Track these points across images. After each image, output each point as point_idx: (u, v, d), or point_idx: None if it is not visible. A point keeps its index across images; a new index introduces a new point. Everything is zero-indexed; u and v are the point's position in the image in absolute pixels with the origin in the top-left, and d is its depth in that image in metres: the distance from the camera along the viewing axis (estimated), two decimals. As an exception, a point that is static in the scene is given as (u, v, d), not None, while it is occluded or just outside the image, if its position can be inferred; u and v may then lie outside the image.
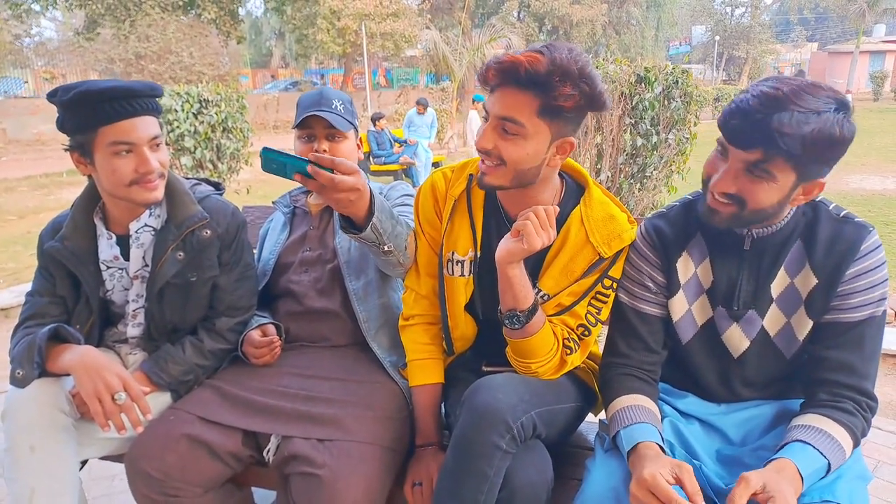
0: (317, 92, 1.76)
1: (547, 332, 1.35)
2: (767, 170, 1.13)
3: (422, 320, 1.58)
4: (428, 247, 1.55)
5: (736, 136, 1.15)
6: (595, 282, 1.39)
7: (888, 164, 10.97)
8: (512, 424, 1.22)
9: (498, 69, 1.26)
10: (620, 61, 4.13)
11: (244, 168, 5.63)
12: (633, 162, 4.14)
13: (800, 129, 1.07)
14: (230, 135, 5.29)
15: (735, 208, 1.19)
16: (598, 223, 1.38)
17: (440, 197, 1.51)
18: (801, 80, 1.14)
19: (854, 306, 1.23)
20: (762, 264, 1.29)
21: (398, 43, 22.17)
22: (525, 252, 1.27)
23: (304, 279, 1.72)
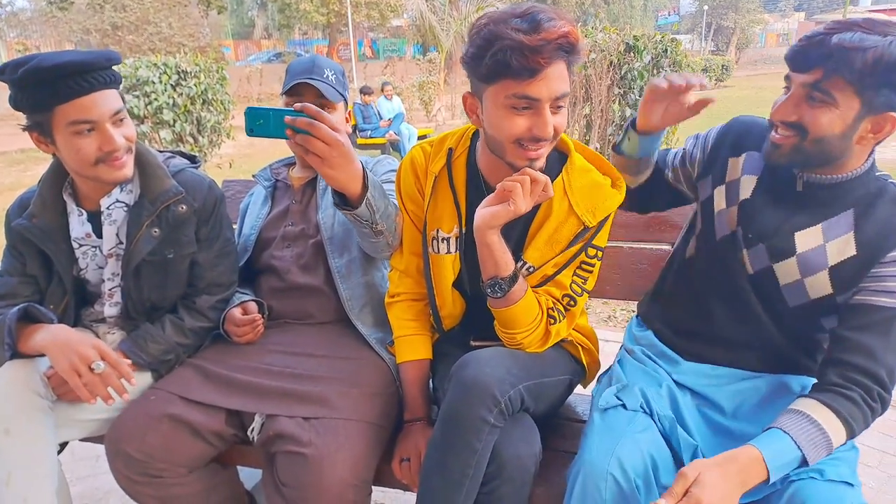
0: (309, 59, 1.70)
1: (530, 301, 1.34)
2: (827, 90, 1.10)
3: (407, 297, 1.56)
4: (411, 224, 1.52)
5: (796, 58, 1.14)
6: (579, 251, 1.37)
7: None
8: (500, 398, 1.21)
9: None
10: (609, 29, 4.06)
11: (226, 142, 5.51)
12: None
13: (861, 44, 1.05)
14: (210, 107, 5.18)
15: (796, 138, 1.16)
16: (582, 192, 1.35)
17: (420, 173, 1.48)
18: (890, 16, 1.15)
19: (887, 290, 1.17)
20: (801, 210, 1.25)
21: (384, 12, 21.80)
22: (510, 214, 1.24)
23: (286, 255, 1.68)
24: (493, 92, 1.21)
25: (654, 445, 1.23)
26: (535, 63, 1.13)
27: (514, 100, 1.18)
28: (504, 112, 1.21)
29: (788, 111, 1.16)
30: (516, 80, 1.16)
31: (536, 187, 1.24)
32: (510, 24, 1.15)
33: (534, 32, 1.13)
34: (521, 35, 1.13)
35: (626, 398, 1.32)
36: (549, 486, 1.34)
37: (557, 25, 1.15)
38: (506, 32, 1.14)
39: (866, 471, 2.24)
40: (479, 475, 1.23)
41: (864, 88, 1.08)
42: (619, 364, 1.51)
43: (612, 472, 1.16)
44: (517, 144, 1.23)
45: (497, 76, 1.18)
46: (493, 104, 1.22)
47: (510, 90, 1.18)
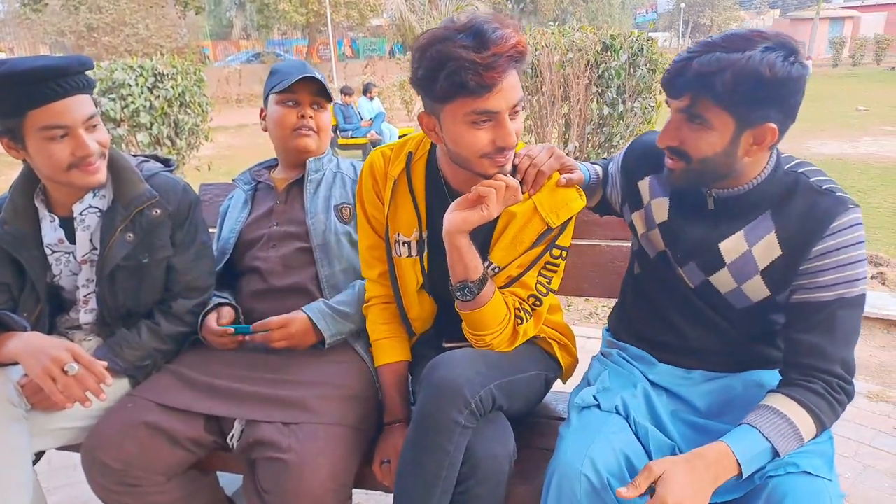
0: (298, 61, 1.73)
1: (498, 303, 1.35)
2: (699, 114, 1.13)
3: (379, 301, 1.57)
4: (371, 230, 1.52)
5: (667, 85, 1.17)
6: (543, 251, 1.38)
7: (846, 130, 11.19)
8: (470, 399, 1.21)
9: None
10: (586, 29, 4.08)
11: (204, 144, 5.45)
12: (600, 131, 4.12)
13: (719, 66, 1.07)
14: (188, 109, 5.11)
15: (683, 163, 1.19)
16: (545, 193, 1.36)
17: (379, 177, 1.48)
18: (750, 30, 1.13)
19: (823, 285, 1.17)
20: (719, 223, 1.27)
21: (363, 12, 21.69)
22: (483, 219, 1.26)
23: (271, 255, 1.67)
24: (451, 110, 1.21)
25: (628, 445, 1.24)
26: (490, 79, 1.14)
27: (473, 115, 1.19)
28: (465, 128, 1.21)
29: (670, 137, 1.19)
30: (473, 97, 1.16)
31: (509, 191, 1.26)
32: (456, 41, 1.14)
33: (483, 49, 1.13)
34: (471, 53, 1.12)
35: (602, 399, 1.33)
36: (529, 485, 1.35)
37: (505, 36, 1.15)
38: (455, 52, 1.13)
39: (842, 461, 2.28)
40: (453, 476, 1.24)
41: (733, 106, 1.10)
42: (596, 365, 1.52)
43: (586, 472, 1.16)
44: (485, 157, 1.24)
45: (454, 96, 1.17)
46: (452, 122, 1.23)
47: (468, 107, 1.18)
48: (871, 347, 3.33)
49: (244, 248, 1.71)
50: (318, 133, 1.71)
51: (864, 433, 2.48)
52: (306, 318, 1.53)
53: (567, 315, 3.80)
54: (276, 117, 1.68)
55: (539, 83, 4.13)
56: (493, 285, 1.35)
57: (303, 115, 1.67)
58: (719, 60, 1.07)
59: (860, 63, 27.04)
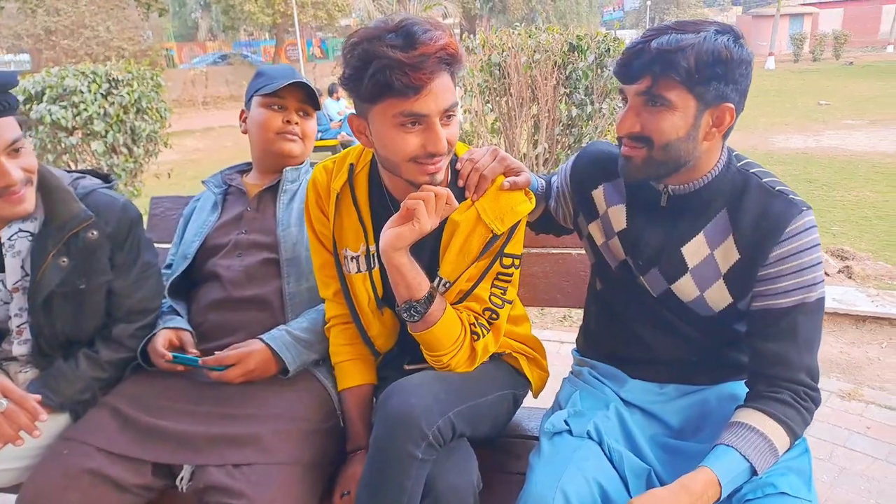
0: (286, 66, 1.71)
1: (451, 320, 1.29)
2: (661, 95, 1.12)
3: (339, 321, 1.50)
4: (322, 247, 1.46)
5: (623, 70, 1.16)
6: (492, 261, 1.32)
7: (810, 123, 11.41)
8: (427, 431, 1.14)
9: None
10: (553, 29, 4.04)
11: (164, 150, 5.28)
12: (569, 132, 4.09)
13: (679, 45, 1.08)
14: (146, 116, 4.94)
15: (645, 149, 1.17)
16: (489, 199, 1.31)
17: (322, 192, 1.42)
18: (695, 19, 1.20)
19: (782, 291, 1.17)
20: (678, 224, 1.25)
21: (331, 12, 21.56)
22: (416, 234, 1.21)
23: (235, 264, 1.58)
24: (379, 112, 1.17)
25: (601, 472, 1.19)
26: (417, 80, 1.10)
27: (401, 118, 1.15)
28: (393, 131, 1.17)
29: (630, 123, 1.17)
30: (400, 98, 1.12)
31: (440, 202, 1.21)
32: (384, 40, 1.11)
33: (410, 48, 1.10)
34: (397, 52, 1.09)
35: (574, 423, 1.28)
36: (501, 513, 1.28)
37: (434, 37, 1.12)
38: (381, 50, 1.10)
39: (817, 464, 2.26)
40: None
41: (693, 85, 1.10)
42: (567, 386, 1.48)
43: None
44: (413, 162, 1.20)
45: (380, 96, 1.14)
46: (380, 124, 1.19)
47: (396, 109, 1.14)
48: (842, 344, 3.34)
49: (207, 254, 1.63)
50: (302, 140, 1.67)
51: (838, 434, 2.48)
52: (266, 348, 1.44)
53: (541, 318, 3.76)
54: (261, 120, 1.63)
55: (507, 85, 4.08)
56: (442, 302, 1.29)
57: (288, 120, 1.63)
58: (678, 40, 1.08)
59: (820, 58, 27.69)
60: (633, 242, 1.31)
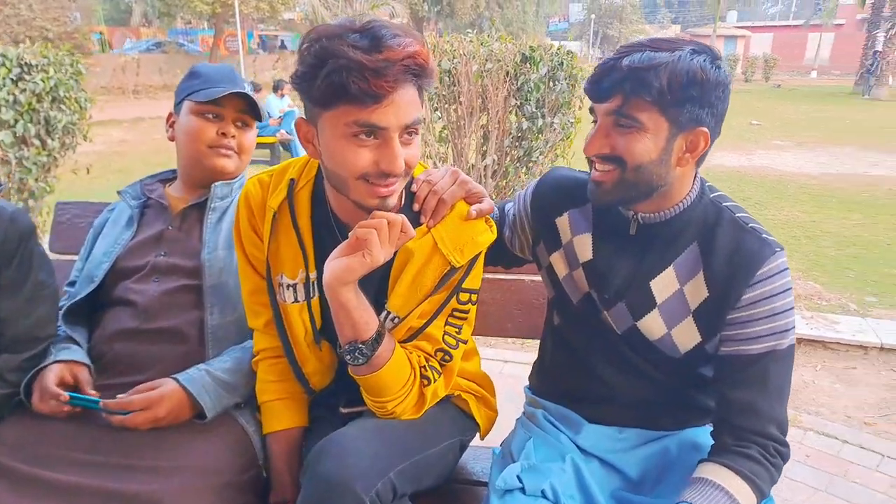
0: (226, 67, 1.54)
1: (399, 362, 1.16)
2: (631, 115, 1.06)
3: (268, 355, 1.34)
4: (253, 271, 1.31)
5: (594, 88, 1.10)
6: (448, 296, 1.20)
7: (743, 143, 11.86)
8: (364, 496, 1.02)
9: None
10: (505, 39, 3.93)
11: (82, 144, 4.85)
12: (519, 145, 3.99)
13: (652, 63, 1.02)
14: (62, 105, 4.51)
15: (616, 171, 1.10)
16: (447, 227, 1.18)
17: (256, 209, 1.26)
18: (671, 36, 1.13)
19: (753, 337, 1.12)
20: (647, 256, 1.19)
21: (274, 5, 21.03)
22: (367, 267, 1.06)
23: (150, 289, 1.40)
24: (331, 119, 1.03)
25: None
26: (377, 87, 0.97)
27: (355, 128, 1.01)
28: (344, 142, 1.03)
29: (599, 143, 1.11)
30: (357, 105, 0.99)
31: (394, 230, 1.06)
32: (346, 39, 0.98)
33: (375, 51, 0.97)
34: (359, 54, 0.96)
35: (528, 479, 1.18)
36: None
37: (403, 43, 0.99)
38: (341, 49, 0.97)
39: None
40: None
41: (666, 107, 1.05)
42: (520, 432, 1.37)
43: None
44: (363, 180, 1.06)
45: (333, 100, 1.00)
46: (331, 133, 1.04)
47: (350, 117, 1.00)
48: (780, 369, 3.37)
49: (119, 277, 1.43)
50: (238, 154, 1.50)
51: (821, 477, 2.43)
52: (181, 391, 1.27)
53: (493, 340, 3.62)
54: (192, 129, 1.45)
55: (457, 92, 3.95)
56: (391, 341, 1.16)
57: (224, 132, 1.45)
58: (651, 58, 1.03)
59: (751, 79, 29.10)
60: (600, 274, 1.23)
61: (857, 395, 3.11)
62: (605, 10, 41.46)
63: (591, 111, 1.15)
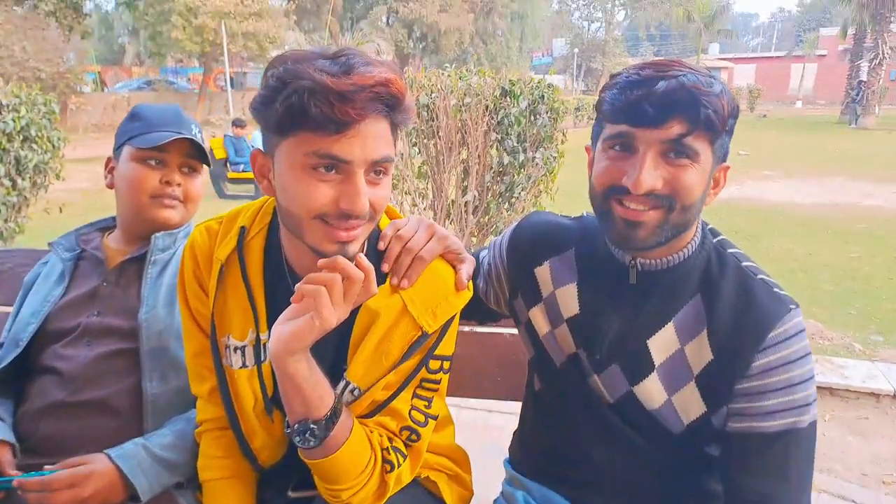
0: (170, 108, 1.41)
1: (358, 445, 1.00)
2: (691, 146, 0.92)
3: (214, 426, 1.18)
4: (198, 329, 1.16)
5: (642, 113, 0.91)
6: (418, 365, 1.05)
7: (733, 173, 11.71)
8: None
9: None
10: (484, 73, 3.86)
11: (62, 181, 4.75)
12: (500, 180, 3.89)
13: (713, 88, 0.91)
14: (34, 145, 4.41)
15: (663, 210, 0.95)
16: (418, 285, 1.04)
17: (202, 260, 1.13)
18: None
19: (767, 412, 0.96)
20: (643, 310, 1.04)
21: (262, 44, 21.31)
22: (318, 332, 0.90)
23: (80, 355, 1.26)
24: (289, 147, 0.91)
25: None
26: (342, 113, 0.85)
27: (315, 159, 0.89)
28: (301, 175, 0.90)
29: (652, 177, 0.93)
30: (318, 133, 0.87)
31: (352, 287, 0.90)
32: (314, 63, 0.87)
33: (343, 75, 0.86)
34: (325, 76, 0.85)
35: None
36: None
37: (376, 71, 0.88)
38: (305, 71, 0.86)
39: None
40: None
41: (717, 137, 0.94)
42: None
43: None
44: (320, 221, 0.92)
45: (292, 126, 0.88)
46: (287, 164, 0.91)
47: (310, 146, 0.88)
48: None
49: (47, 340, 1.30)
50: (184, 203, 1.38)
51: None
52: (113, 469, 1.14)
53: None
54: (132, 178, 1.33)
55: (436, 127, 3.85)
56: (349, 419, 1.00)
57: (168, 180, 1.33)
58: (710, 83, 0.91)
59: (736, 110, 29.46)
60: (588, 331, 1.09)
61: (873, 448, 2.88)
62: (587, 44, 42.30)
63: (621, 137, 0.95)
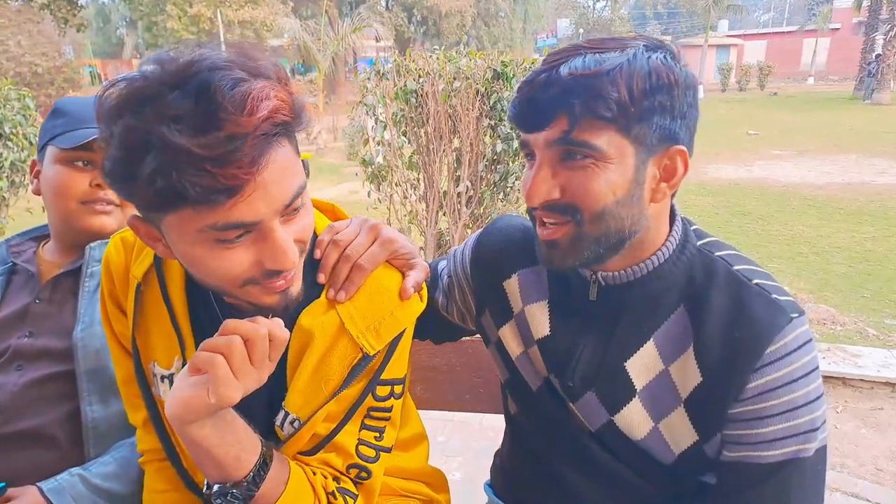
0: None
1: (297, 492, 0.86)
2: (584, 142, 0.79)
3: (154, 457, 1.06)
4: (125, 354, 1.02)
5: (525, 114, 0.83)
6: (362, 393, 0.92)
7: (740, 153, 11.56)
8: None
9: None
10: (475, 54, 3.62)
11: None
12: (494, 169, 3.67)
13: (602, 67, 0.78)
14: (9, 142, 4.25)
15: (570, 224, 0.84)
16: (359, 300, 0.91)
17: (118, 277, 0.99)
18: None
19: (766, 440, 0.84)
20: (617, 328, 0.92)
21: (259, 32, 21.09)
22: (213, 408, 0.75)
23: (10, 381, 1.14)
24: (175, 223, 0.73)
25: None
26: (229, 178, 0.67)
27: (213, 233, 0.72)
28: (204, 250, 0.74)
29: (545, 187, 0.83)
30: (206, 206, 0.69)
31: (257, 348, 0.75)
32: (162, 106, 0.66)
33: (210, 127, 0.66)
34: (187, 138, 0.65)
35: None
36: None
37: (251, 101, 0.67)
38: (159, 132, 0.65)
39: None
40: None
41: (629, 124, 0.79)
42: None
43: None
44: (250, 284, 0.78)
45: (170, 207, 0.71)
46: (181, 240, 0.75)
47: (202, 221, 0.71)
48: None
49: None
50: (121, 207, 1.24)
51: None
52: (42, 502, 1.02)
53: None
54: (57, 182, 1.19)
55: (425, 114, 3.63)
56: (282, 471, 0.86)
57: (99, 182, 1.19)
58: (600, 61, 0.78)
59: (746, 88, 28.96)
60: (560, 355, 0.97)
61: (888, 442, 2.75)
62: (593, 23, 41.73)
63: (524, 146, 0.87)
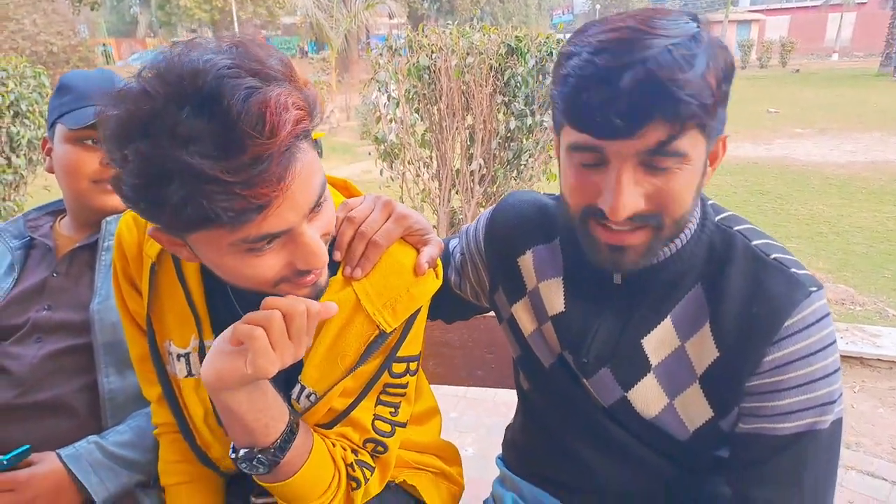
0: (103, 75, 1.26)
1: (318, 466, 0.89)
2: (678, 150, 0.74)
3: (168, 430, 1.09)
4: (139, 332, 1.03)
5: (608, 121, 0.72)
6: (379, 370, 0.93)
7: (760, 131, 11.34)
8: None
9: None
10: (488, 29, 3.56)
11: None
12: (507, 147, 3.63)
13: (693, 66, 0.70)
14: (25, 120, 4.27)
15: (648, 229, 0.81)
16: (374, 277, 0.91)
17: (131, 257, 0.99)
18: (623, 13, 0.77)
19: (782, 412, 0.84)
20: (637, 307, 0.93)
21: (272, 9, 20.99)
22: (250, 378, 0.77)
23: (29, 353, 1.16)
24: (204, 240, 0.74)
25: None
26: (258, 197, 0.68)
27: (243, 245, 0.73)
28: (237, 260, 0.75)
29: (634, 198, 0.77)
30: (236, 226, 0.70)
31: (296, 322, 0.76)
32: (177, 127, 0.64)
33: (232, 151, 0.65)
34: (211, 164, 0.64)
35: None
36: None
37: (271, 115, 0.66)
38: (180, 159, 0.64)
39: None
40: None
41: (708, 120, 0.75)
42: None
43: None
44: (283, 283, 0.79)
45: (199, 227, 0.71)
46: (210, 252, 0.76)
47: (233, 237, 0.72)
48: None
49: None
50: None
51: None
52: (61, 469, 1.05)
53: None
54: (68, 162, 1.19)
55: (438, 91, 3.59)
56: (307, 439, 0.88)
57: (104, 162, 1.16)
58: (687, 58, 0.70)
59: (767, 65, 28.36)
60: (574, 332, 0.97)
61: None
62: (610, -1, 41.04)
63: (587, 150, 0.77)
